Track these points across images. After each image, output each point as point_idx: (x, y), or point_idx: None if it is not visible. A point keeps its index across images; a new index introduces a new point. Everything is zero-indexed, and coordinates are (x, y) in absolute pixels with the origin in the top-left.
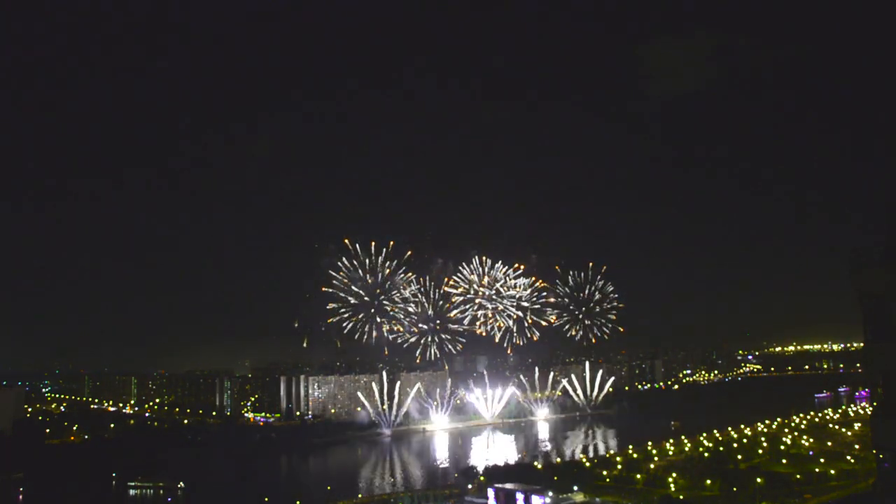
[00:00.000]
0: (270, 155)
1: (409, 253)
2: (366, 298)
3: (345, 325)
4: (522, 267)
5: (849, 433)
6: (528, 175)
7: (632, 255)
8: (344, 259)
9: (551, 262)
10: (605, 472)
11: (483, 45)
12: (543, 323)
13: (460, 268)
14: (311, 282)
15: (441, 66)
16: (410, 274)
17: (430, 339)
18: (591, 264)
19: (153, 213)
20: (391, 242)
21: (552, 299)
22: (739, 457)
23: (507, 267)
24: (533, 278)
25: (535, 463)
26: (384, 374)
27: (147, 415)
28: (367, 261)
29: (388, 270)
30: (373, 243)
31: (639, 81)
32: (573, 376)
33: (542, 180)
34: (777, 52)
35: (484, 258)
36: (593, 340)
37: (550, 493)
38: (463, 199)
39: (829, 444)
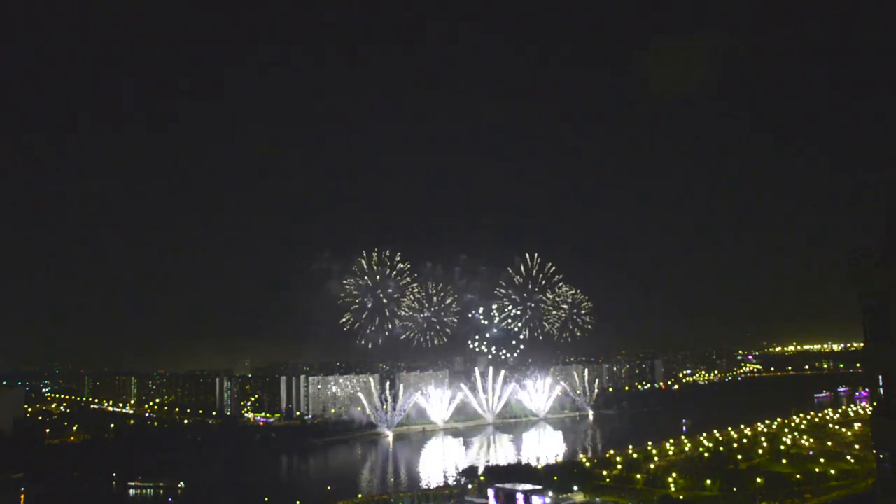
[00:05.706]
0: (271, 156)
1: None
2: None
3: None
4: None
5: (849, 433)
6: (526, 176)
7: (632, 255)
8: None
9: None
10: (605, 472)
11: (481, 46)
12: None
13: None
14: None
15: (438, 67)
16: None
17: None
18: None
19: (153, 214)
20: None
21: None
22: (739, 457)
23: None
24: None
25: (535, 463)
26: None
27: (147, 415)
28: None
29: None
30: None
31: (638, 83)
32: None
33: (541, 181)
34: (777, 53)
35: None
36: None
37: (550, 493)
38: (460, 201)
39: (829, 444)
